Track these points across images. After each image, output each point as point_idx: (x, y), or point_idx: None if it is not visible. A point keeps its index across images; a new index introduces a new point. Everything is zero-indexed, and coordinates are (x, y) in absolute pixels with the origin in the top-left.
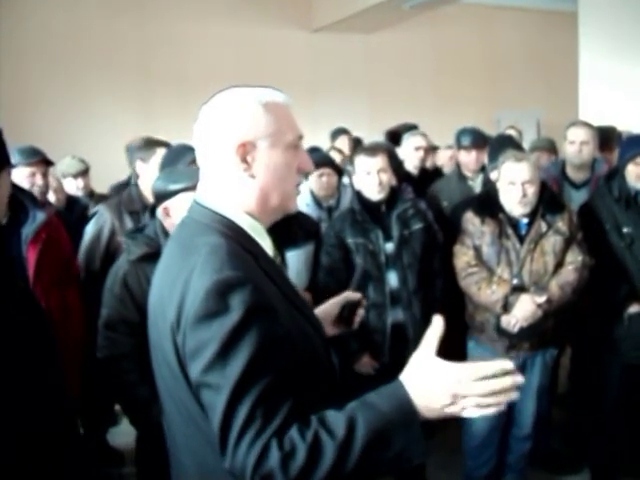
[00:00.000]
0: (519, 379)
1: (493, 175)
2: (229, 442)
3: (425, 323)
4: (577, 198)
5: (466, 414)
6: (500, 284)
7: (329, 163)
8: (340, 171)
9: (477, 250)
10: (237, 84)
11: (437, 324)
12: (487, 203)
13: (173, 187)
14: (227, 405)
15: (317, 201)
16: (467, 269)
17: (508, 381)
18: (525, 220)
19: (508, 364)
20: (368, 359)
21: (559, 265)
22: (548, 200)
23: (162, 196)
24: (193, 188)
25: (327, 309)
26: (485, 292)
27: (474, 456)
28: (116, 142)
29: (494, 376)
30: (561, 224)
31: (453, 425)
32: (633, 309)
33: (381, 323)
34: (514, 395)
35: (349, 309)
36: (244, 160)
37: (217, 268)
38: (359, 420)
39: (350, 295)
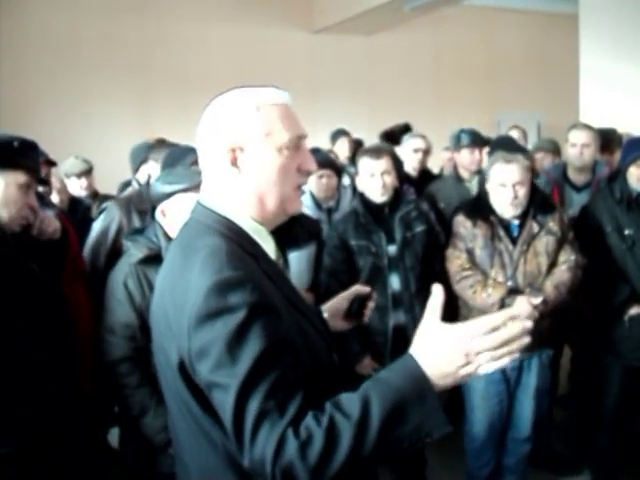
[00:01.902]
0: (528, 324)
1: None
2: (245, 439)
3: None
4: (578, 200)
5: (482, 370)
6: (496, 287)
7: (329, 164)
8: (340, 172)
9: (470, 253)
10: (237, 85)
11: (437, 292)
12: (478, 205)
13: (169, 188)
14: (237, 403)
15: (317, 203)
16: (461, 272)
17: (517, 327)
18: (516, 222)
19: (514, 311)
20: (369, 361)
21: (552, 265)
22: (538, 201)
23: (159, 197)
24: (190, 189)
25: (336, 304)
26: (481, 295)
27: (475, 457)
28: (116, 142)
29: (503, 325)
30: (552, 224)
31: (455, 426)
32: (634, 311)
33: (383, 325)
34: (526, 340)
35: (359, 303)
36: (234, 164)
37: (217, 269)
38: (373, 398)
39: (359, 289)
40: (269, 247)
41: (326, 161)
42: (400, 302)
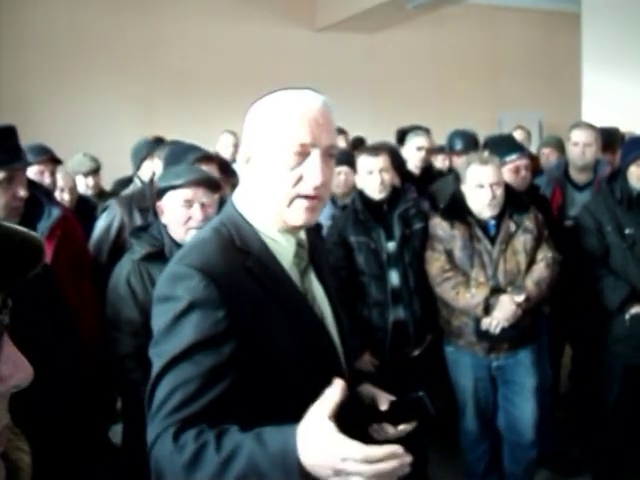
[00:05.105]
0: (407, 459)
1: None
2: (152, 410)
3: (426, 321)
4: (580, 199)
5: None
6: (479, 287)
7: (347, 162)
8: None
9: (449, 254)
10: (238, 84)
11: (337, 386)
12: (454, 207)
13: (162, 185)
14: (156, 377)
15: (332, 198)
16: (442, 274)
17: (394, 464)
18: (493, 222)
19: (399, 449)
20: (369, 357)
21: (530, 263)
22: (514, 200)
23: (157, 194)
24: (183, 186)
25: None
26: (464, 296)
27: (470, 450)
28: (117, 140)
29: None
30: (528, 223)
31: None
32: (634, 310)
33: (383, 321)
34: (405, 469)
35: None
36: (249, 169)
37: (178, 259)
38: (245, 448)
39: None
40: (285, 247)
41: (344, 158)
42: (399, 298)
